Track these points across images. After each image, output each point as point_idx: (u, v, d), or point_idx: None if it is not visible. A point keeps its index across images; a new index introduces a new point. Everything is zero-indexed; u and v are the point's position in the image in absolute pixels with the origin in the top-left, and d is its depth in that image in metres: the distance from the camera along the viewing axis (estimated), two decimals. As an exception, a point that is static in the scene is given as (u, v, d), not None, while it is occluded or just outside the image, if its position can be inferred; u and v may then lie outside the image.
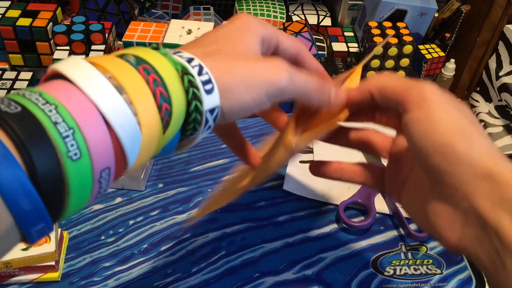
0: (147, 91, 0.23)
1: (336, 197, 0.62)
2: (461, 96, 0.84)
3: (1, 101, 0.21)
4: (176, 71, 0.25)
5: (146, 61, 0.24)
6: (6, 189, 0.19)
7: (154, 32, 0.68)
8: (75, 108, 0.21)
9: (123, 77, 0.23)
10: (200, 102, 0.25)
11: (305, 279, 0.53)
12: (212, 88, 0.25)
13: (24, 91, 0.22)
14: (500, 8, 0.73)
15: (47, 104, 0.21)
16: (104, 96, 0.22)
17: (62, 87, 0.22)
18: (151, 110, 0.23)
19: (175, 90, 0.24)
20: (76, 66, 0.23)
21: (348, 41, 0.81)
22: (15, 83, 0.68)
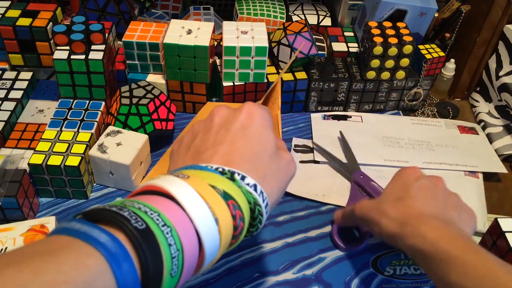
0: (231, 225, 0.30)
1: (335, 198, 0.62)
2: (461, 96, 0.84)
3: (129, 215, 0.26)
4: (249, 204, 0.32)
5: (232, 197, 0.30)
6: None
7: (154, 32, 0.68)
8: (183, 234, 0.27)
9: (219, 211, 0.29)
10: (262, 216, 0.33)
11: (305, 279, 0.53)
12: (267, 203, 0.34)
13: (144, 207, 0.27)
14: (500, 8, 0.73)
15: (165, 226, 0.26)
16: (206, 227, 0.28)
17: (176, 212, 0.27)
18: (229, 238, 0.30)
19: (248, 216, 0.32)
20: (186, 193, 0.29)
21: (348, 41, 0.81)
22: (15, 83, 0.68)
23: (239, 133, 0.36)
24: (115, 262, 0.23)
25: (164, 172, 0.39)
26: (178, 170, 0.33)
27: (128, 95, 0.64)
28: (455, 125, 0.76)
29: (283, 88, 0.73)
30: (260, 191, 0.33)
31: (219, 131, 0.36)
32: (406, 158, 0.68)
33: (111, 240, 0.24)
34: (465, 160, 0.68)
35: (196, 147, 0.36)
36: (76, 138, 0.60)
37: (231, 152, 0.34)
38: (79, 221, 0.25)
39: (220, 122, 0.37)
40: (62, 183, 0.58)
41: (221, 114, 0.38)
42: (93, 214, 0.26)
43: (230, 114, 0.38)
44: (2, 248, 0.48)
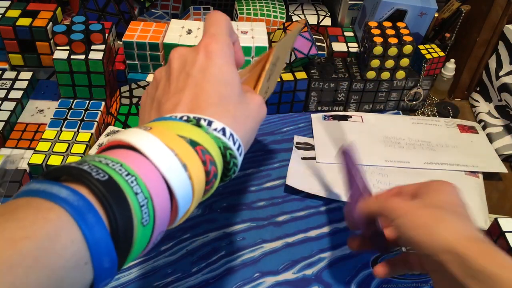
0: (202, 171, 0.29)
1: (338, 193, 0.62)
2: (461, 96, 0.84)
3: (90, 168, 0.25)
4: (219, 148, 0.31)
5: (200, 143, 0.29)
6: (95, 249, 0.23)
7: (154, 32, 0.68)
8: (150, 181, 0.26)
9: (187, 157, 0.28)
10: (236, 159, 0.32)
11: (305, 279, 0.53)
12: (239, 145, 0.33)
13: (105, 159, 0.26)
14: (500, 8, 0.73)
15: (128, 176, 0.25)
16: (173, 173, 0.27)
17: (139, 161, 0.27)
18: (202, 184, 0.29)
19: (219, 161, 0.31)
20: (149, 143, 0.28)
21: (348, 41, 0.81)
22: (15, 83, 0.68)
23: (199, 76, 0.34)
24: (78, 214, 0.22)
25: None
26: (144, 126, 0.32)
27: (128, 95, 0.64)
28: (455, 124, 0.76)
29: (283, 88, 0.73)
30: (229, 134, 0.32)
31: (179, 77, 0.35)
32: (407, 159, 0.68)
33: (72, 194, 0.23)
34: (466, 160, 0.68)
35: (158, 98, 0.35)
36: (76, 138, 0.60)
37: (195, 98, 0.33)
38: (38, 182, 0.24)
39: (179, 66, 0.35)
40: (62, 183, 0.58)
41: (178, 57, 0.36)
42: (53, 173, 0.25)
43: (188, 56, 0.35)
44: (2, 248, 0.48)
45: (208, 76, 0.33)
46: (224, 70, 0.34)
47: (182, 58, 0.35)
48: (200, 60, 0.34)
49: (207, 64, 0.34)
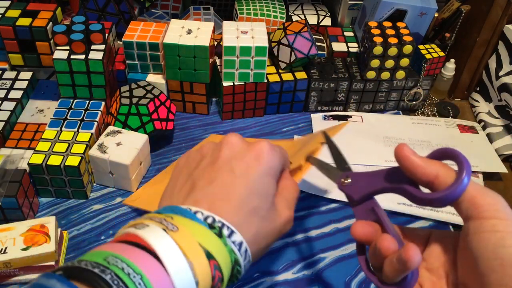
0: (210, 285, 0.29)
1: (337, 193, 0.62)
2: (461, 96, 0.84)
3: (112, 279, 0.25)
4: (231, 262, 0.31)
5: (215, 258, 0.30)
6: None
7: (154, 32, 0.68)
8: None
9: (201, 273, 0.29)
10: (239, 274, 0.33)
11: (305, 279, 0.53)
12: (249, 261, 0.33)
13: (127, 267, 0.26)
14: (500, 8, 0.73)
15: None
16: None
17: (159, 275, 0.27)
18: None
19: (227, 276, 0.31)
20: (171, 254, 0.28)
21: (348, 41, 0.81)
22: (15, 83, 0.68)
23: (242, 179, 0.34)
24: None
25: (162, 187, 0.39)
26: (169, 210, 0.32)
27: (128, 95, 0.64)
28: (455, 124, 0.76)
29: (283, 88, 0.73)
30: (244, 250, 0.32)
31: (222, 168, 0.35)
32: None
33: None
34: None
35: (194, 178, 0.35)
36: (76, 138, 0.60)
37: (226, 199, 0.33)
38: (59, 279, 0.25)
39: (227, 155, 0.36)
40: (62, 183, 0.58)
41: (230, 146, 0.36)
42: (75, 272, 0.26)
43: (240, 149, 0.36)
44: (2, 248, 0.48)
45: (248, 181, 0.34)
46: (264, 181, 0.35)
47: (234, 148, 0.36)
48: (248, 159, 0.35)
49: (252, 167, 0.35)
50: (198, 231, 0.30)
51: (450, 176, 0.32)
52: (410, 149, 0.34)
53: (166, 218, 0.30)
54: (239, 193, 0.33)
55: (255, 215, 0.33)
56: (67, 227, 0.56)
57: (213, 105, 0.77)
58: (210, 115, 0.75)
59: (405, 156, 0.34)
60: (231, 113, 0.74)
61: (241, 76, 0.70)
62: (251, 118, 0.75)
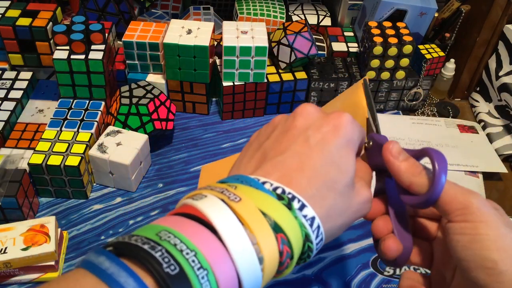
0: (277, 263, 0.27)
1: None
2: (461, 96, 0.84)
3: (162, 256, 0.23)
4: (301, 237, 0.28)
5: (283, 230, 0.27)
6: None
7: (154, 32, 0.68)
8: (221, 276, 0.24)
9: (266, 248, 0.26)
10: (311, 252, 0.29)
11: (305, 279, 0.53)
12: (321, 239, 0.30)
13: (181, 243, 0.24)
14: (500, 8, 0.73)
15: (201, 269, 0.24)
16: (248, 268, 0.25)
17: (216, 251, 0.25)
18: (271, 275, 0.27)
19: (297, 252, 0.28)
20: (231, 227, 0.26)
21: (348, 41, 0.81)
22: (15, 83, 0.68)
23: (317, 148, 0.31)
24: None
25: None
26: (233, 180, 0.29)
27: (128, 95, 0.64)
28: (455, 124, 0.76)
29: (283, 88, 0.73)
30: (316, 226, 0.29)
31: (297, 138, 0.32)
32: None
33: (138, 286, 0.23)
34: (466, 160, 0.68)
35: (266, 148, 0.33)
36: (76, 138, 0.60)
37: (300, 171, 0.30)
38: (108, 257, 0.24)
39: (302, 125, 0.32)
40: (62, 183, 0.58)
41: (306, 115, 0.33)
42: (126, 248, 0.24)
43: (316, 119, 0.33)
44: (2, 248, 0.48)
45: (325, 152, 0.31)
46: (343, 153, 0.31)
47: (310, 117, 0.33)
48: (325, 130, 0.32)
49: (330, 138, 0.31)
50: (264, 201, 0.28)
51: (422, 184, 0.33)
52: (394, 150, 0.34)
53: (228, 188, 0.28)
54: (313, 164, 0.30)
55: (331, 189, 0.30)
56: (67, 227, 0.56)
57: (213, 105, 0.77)
58: (210, 115, 0.75)
59: (387, 160, 0.34)
60: (231, 113, 0.74)
61: (241, 76, 0.70)
62: (251, 118, 0.75)
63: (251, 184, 0.29)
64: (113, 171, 0.59)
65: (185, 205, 0.27)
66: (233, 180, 0.29)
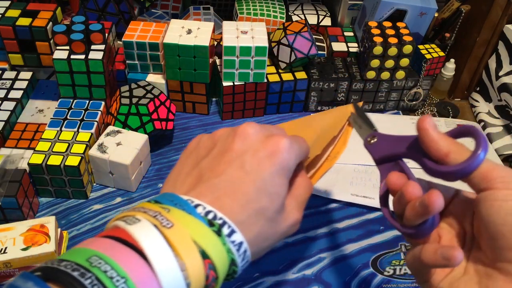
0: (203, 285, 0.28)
1: (338, 193, 0.62)
2: (461, 96, 0.84)
3: (91, 284, 0.24)
4: (227, 262, 0.29)
5: (210, 257, 0.28)
6: None
7: (154, 32, 0.68)
8: None
9: (194, 274, 0.27)
10: (236, 274, 0.31)
11: (305, 279, 0.53)
12: (246, 261, 0.31)
13: (111, 270, 0.25)
14: (500, 8, 0.73)
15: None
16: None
17: (145, 277, 0.25)
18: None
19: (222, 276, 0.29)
20: (161, 254, 0.26)
21: (348, 41, 0.81)
22: (15, 82, 0.68)
23: (252, 175, 0.32)
24: None
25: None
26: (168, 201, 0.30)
27: (128, 95, 0.64)
28: (455, 124, 0.76)
29: (283, 88, 0.73)
30: (244, 250, 0.30)
31: (233, 162, 0.32)
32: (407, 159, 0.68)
33: None
34: None
35: (202, 169, 0.33)
36: (76, 138, 0.60)
37: (233, 196, 0.31)
38: (36, 282, 0.23)
39: (240, 148, 0.33)
40: (62, 183, 0.58)
41: (244, 137, 0.34)
42: (55, 273, 0.24)
43: (254, 142, 0.33)
44: (2, 248, 0.48)
45: (258, 179, 0.32)
46: (276, 181, 0.32)
47: (248, 140, 0.33)
48: (261, 155, 0.32)
49: (265, 165, 0.32)
50: (195, 227, 0.28)
51: (461, 154, 0.33)
52: (432, 123, 0.34)
53: (161, 211, 0.29)
54: (246, 191, 0.31)
55: (260, 216, 0.32)
56: (67, 227, 0.56)
57: (213, 105, 0.77)
58: (210, 115, 0.75)
59: (424, 128, 0.34)
60: (231, 113, 0.74)
61: (241, 76, 0.70)
62: (251, 118, 0.75)
63: (184, 208, 0.29)
64: (113, 171, 0.59)
65: (116, 228, 0.28)
66: (168, 202, 0.30)
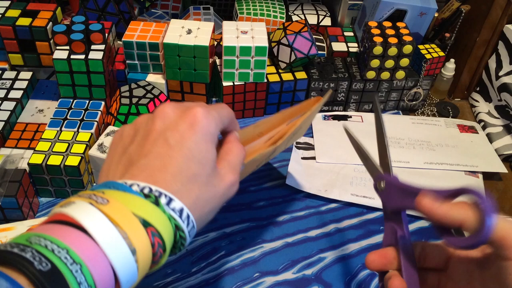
0: (150, 253, 0.29)
1: (338, 193, 0.62)
2: (461, 96, 0.84)
3: (32, 256, 0.24)
4: (171, 228, 0.30)
5: (152, 225, 0.29)
6: None
7: (154, 32, 0.68)
8: (95, 269, 0.26)
9: (137, 241, 0.28)
10: (185, 241, 0.32)
11: (305, 279, 0.53)
12: (193, 226, 0.32)
13: (51, 243, 0.25)
14: (500, 8, 0.73)
15: (74, 264, 0.25)
16: (121, 260, 0.27)
17: (87, 247, 0.26)
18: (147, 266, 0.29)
19: (169, 242, 0.30)
20: (100, 225, 0.27)
21: (348, 41, 0.81)
22: (15, 82, 0.68)
23: (177, 147, 0.33)
24: None
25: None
26: (101, 186, 0.31)
27: (128, 95, 0.64)
28: (455, 124, 0.76)
29: (283, 88, 0.73)
30: (186, 216, 0.31)
31: (157, 140, 0.34)
32: (407, 159, 0.68)
33: (12, 286, 0.23)
34: (466, 160, 0.68)
35: (130, 154, 0.35)
36: (76, 138, 0.60)
37: (164, 169, 0.32)
38: None
39: (161, 127, 0.34)
40: (62, 183, 0.58)
41: (163, 116, 0.35)
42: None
43: (173, 119, 0.35)
44: (2, 248, 0.48)
45: (184, 149, 0.33)
46: (201, 147, 0.34)
47: (167, 118, 0.35)
48: (182, 128, 0.34)
49: (187, 135, 0.34)
50: (131, 201, 0.29)
51: (476, 220, 0.31)
52: (429, 198, 0.34)
53: (96, 193, 0.29)
54: (175, 162, 0.33)
55: (194, 182, 0.33)
56: (67, 227, 0.56)
57: (213, 105, 0.77)
58: (210, 115, 0.75)
59: (428, 209, 0.33)
60: (231, 113, 0.74)
61: (241, 76, 0.70)
62: (251, 118, 0.75)
63: (118, 188, 0.30)
64: (113, 171, 0.59)
65: (54, 214, 0.28)
66: (101, 187, 0.31)
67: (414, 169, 0.67)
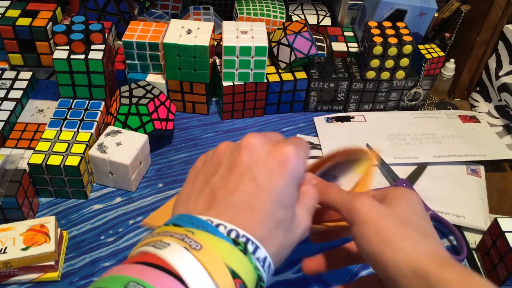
0: None
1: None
2: (461, 96, 0.84)
3: None
4: (255, 279, 0.30)
5: (240, 277, 0.28)
6: None
7: (153, 32, 0.68)
8: None
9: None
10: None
11: (305, 279, 0.53)
12: (271, 274, 0.32)
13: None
14: (500, 8, 0.73)
15: None
16: None
17: None
18: None
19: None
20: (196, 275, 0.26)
21: (348, 41, 0.81)
22: (14, 82, 0.68)
23: (266, 189, 0.32)
24: None
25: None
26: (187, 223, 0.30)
27: (128, 95, 0.64)
28: (456, 115, 0.77)
29: (283, 88, 0.73)
30: (268, 265, 0.31)
31: (244, 177, 0.32)
32: (415, 154, 0.68)
33: None
34: (473, 150, 0.69)
35: (214, 185, 0.33)
36: (76, 138, 0.60)
37: (251, 213, 0.31)
38: None
39: (248, 162, 0.33)
40: (62, 183, 0.58)
41: (251, 149, 0.33)
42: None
43: (261, 154, 0.33)
44: (2, 248, 0.48)
45: (273, 193, 0.32)
46: (288, 192, 0.33)
47: (255, 153, 0.33)
48: (271, 167, 0.32)
49: (276, 177, 0.32)
50: (223, 248, 0.28)
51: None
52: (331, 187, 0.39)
53: (187, 233, 0.28)
54: (264, 206, 0.31)
55: (279, 229, 0.32)
56: (67, 227, 0.56)
57: (213, 105, 0.77)
58: (210, 115, 0.75)
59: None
60: (231, 113, 0.74)
61: (241, 76, 0.70)
62: (251, 118, 0.75)
63: (207, 230, 0.29)
64: (113, 171, 0.59)
65: (145, 253, 0.28)
66: (188, 223, 0.30)
67: (424, 163, 0.67)
